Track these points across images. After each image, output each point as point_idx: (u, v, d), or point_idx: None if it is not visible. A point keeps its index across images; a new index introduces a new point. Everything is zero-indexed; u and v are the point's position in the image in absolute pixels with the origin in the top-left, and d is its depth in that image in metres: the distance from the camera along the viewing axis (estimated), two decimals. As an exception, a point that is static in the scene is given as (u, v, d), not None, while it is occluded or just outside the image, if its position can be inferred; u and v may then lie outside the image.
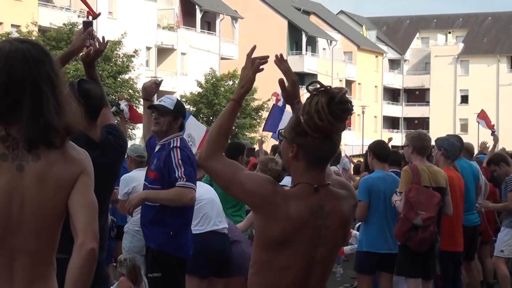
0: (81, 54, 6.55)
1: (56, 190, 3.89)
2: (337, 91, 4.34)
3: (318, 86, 4.30)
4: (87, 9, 6.81)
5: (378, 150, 11.49)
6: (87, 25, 6.27)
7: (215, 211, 9.91)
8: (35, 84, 3.89)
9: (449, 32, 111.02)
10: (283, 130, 4.55)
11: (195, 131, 16.64)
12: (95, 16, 6.46)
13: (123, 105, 15.02)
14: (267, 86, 31.03)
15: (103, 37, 6.55)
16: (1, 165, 3.84)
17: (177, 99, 9.35)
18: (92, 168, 4.07)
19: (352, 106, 4.44)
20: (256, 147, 24.11)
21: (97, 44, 6.40)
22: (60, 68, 4.15)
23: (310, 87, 4.36)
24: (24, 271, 3.88)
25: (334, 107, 4.27)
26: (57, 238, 3.98)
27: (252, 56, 4.65)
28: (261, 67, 4.70)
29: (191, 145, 15.54)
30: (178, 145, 8.38)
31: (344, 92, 4.39)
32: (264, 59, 4.70)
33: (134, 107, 20.86)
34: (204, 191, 9.87)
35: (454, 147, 11.86)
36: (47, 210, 3.89)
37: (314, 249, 4.41)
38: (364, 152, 28.50)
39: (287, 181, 9.82)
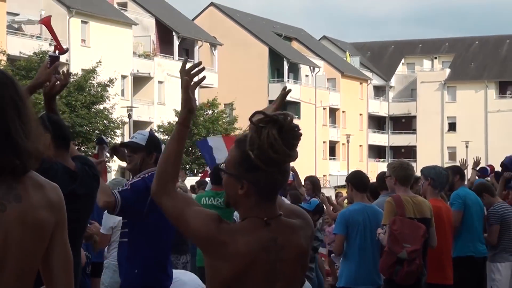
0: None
1: (37, 235, 3.87)
2: (283, 118, 4.21)
3: (263, 116, 4.18)
4: (55, 43, 6.78)
5: (357, 181, 11.52)
6: (54, 59, 6.25)
7: None
8: (2, 109, 3.84)
9: (435, 58, 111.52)
10: (223, 166, 4.40)
11: (217, 149, 16.95)
12: (63, 51, 6.43)
13: (107, 139, 15.22)
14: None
15: (67, 70, 6.59)
16: None
17: (149, 133, 9.27)
18: (65, 210, 4.04)
19: (300, 130, 4.28)
20: None
21: (62, 77, 6.37)
22: (26, 94, 4.06)
23: (254, 119, 4.24)
24: None
25: (285, 136, 4.16)
26: (33, 279, 3.96)
27: (192, 72, 4.50)
28: (196, 80, 4.61)
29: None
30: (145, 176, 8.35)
31: (291, 117, 4.25)
32: (196, 67, 4.58)
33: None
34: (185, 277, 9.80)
35: (441, 176, 11.90)
36: (29, 253, 3.87)
37: (271, 285, 4.32)
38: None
39: None
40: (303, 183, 17.99)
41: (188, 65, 4.53)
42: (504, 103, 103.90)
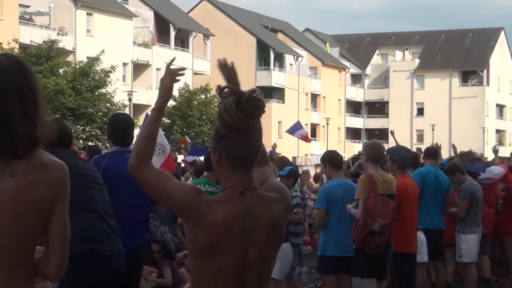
0: None
1: (31, 209, 3.83)
2: (245, 91, 4.30)
3: (227, 89, 4.26)
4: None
5: (332, 159, 11.51)
6: None
7: None
8: (1, 97, 3.82)
9: (406, 49, 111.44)
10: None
11: (163, 140, 16.76)
12: None
13: None
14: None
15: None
16: None
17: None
18: (68, 185, 3.99)
19: (263, 103, 4.34)
20: None
21: None
22: (37, 82, 3.97)
23: (220, 93, 4.36)
24: (2, 277, 3.84)
25: (244, 104, 4.20)
26: (33, 250, 3.94)
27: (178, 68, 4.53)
28: (178, 78, 4.61)
29: (159, 153, 15.62)
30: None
31: (252, 90, 4.33)
32: (181, 70, 4.59)
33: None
34: None
35: (406, 159, 12.04)
36: (21, 224, 3.83)
37: (245, 252, 4.29)
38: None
39: None
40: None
41: (174, 67, 4.58)
42: (466, 91, 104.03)
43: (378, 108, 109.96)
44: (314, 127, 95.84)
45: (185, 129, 58.81)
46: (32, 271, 3.98)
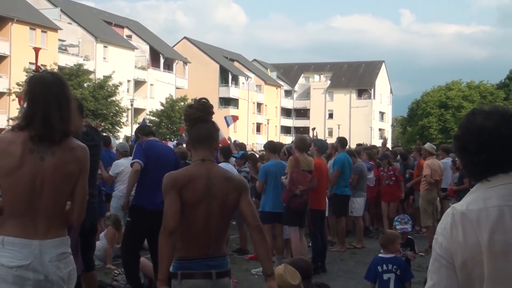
0: None
1: (65, 178, 3.93)
2: (196, 100, 4.59)
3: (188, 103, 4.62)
4: (35, 65, 6.77)
5: (270, 147, 11.55)
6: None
7: None
8: (45, 101, 3.91)
9: (321, 74, 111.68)
10: None
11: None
12: (39, 69, 6.33)
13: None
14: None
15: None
16: (30, 156, 3.85)
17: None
18: (89, 162, 4.10)
19: (206, 105, 4.51)
20: None
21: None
22: (69, 91, 4.05)
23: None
24: (44, 223, 3.90)
25: (194, 105, 4.50)
26: (65, 205, 4.02)
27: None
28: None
29: None
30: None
31: (200, 99, 4.57)
32: None
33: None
34: None
35: (323, 146, 12.15)
36: (58, 188, 3.93)
37: (209, 201, 4.35)
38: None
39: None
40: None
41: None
42: (360, 102, 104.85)
43: (303, 113, 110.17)
44: (258, 126, 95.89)
45: (169, 125, 58.54)
46: (63, 219, 4.04)
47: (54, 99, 3.92)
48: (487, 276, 2.53)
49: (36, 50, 7.07)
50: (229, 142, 16.62)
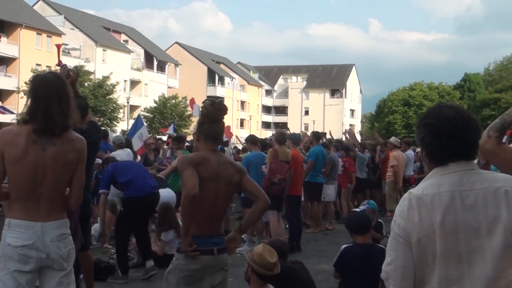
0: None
1: (64, 166, 3.97)
2: (215, 101, 4.56)
3: (207, 100, 4.50)
4: (58, 59, 6.67)
5: (251, 140, 11.55)
6: (63, 67, 6.13)
7: None
8: (47, 98, 3.94)
9: (298, 75, 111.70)
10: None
11: (145, 130, 16.43)
12: (61, 64, 6.29)
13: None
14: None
15: (76, 68, 6.50)
16: (33, 146, 3.89)
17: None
18: (86, 152, 4.12)
19: (225, 106, 4.58)
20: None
21: (74, 72, 6.30)
22: (69, 89, 4.09)
23: (204, 102, 4.54)
24: (46, 207, 3.93)
25: (215, 104, 4.49)
26: (65, 191, 4.04)
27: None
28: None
29: (140, 138, 15.41)
30: None
31: (219, 101, 4.59)
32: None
33: None
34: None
35: (297, 139, 12.12)
36: (59, 175, 3.96)
37: (218, 180, 4.41)
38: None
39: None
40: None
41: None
42: (333, 101, 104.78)
43: (281, 110, 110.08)
44: (242, 121, 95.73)
45: (162, 121, 58.40)
46: (63, 204, 4.07)
47: (55, 96, 3.96)
48: (439, 253, 2.59)
49: (58, 46, 7.01)
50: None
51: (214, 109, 4.48)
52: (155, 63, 75.01)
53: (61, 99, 3.96)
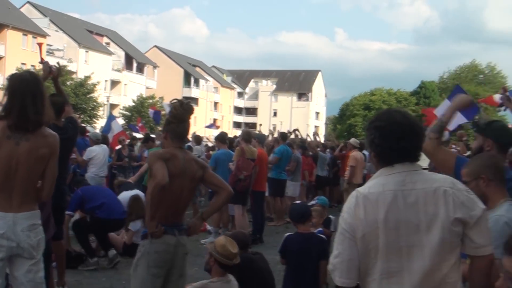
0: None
1: (37, 160, 3.93)
2: (184, 101, 4.57)
3: (176, 100, 4.42)
4: (41, 56, 6.43)
5: (220, 138, 11.50)
6: (45, 63, 5.94)
7: None
8: (22, 96, 3.89)
9: (268, 79, 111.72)
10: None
11: (118, 125, 16.44)
12: (43, 61, 6.09)
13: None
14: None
15: (58, 64, 6.28)
16: (7, 141, 3.86)
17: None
18: (59, 147, 4.07)
19: (192, 107, 4.62)
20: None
21: (57, 69, 6.08)
22: (43, 86, 4.04)
23: (173, 101, 4.52)
24: (18, 198, 3.89)
25: (184, 105, 4.50)
26: (37, 184, 4.00)
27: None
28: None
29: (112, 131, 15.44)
30: None
31: (186, 102, 4.57)
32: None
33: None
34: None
35: (262, 138, 12.11)
36: (31, 169, 3.92)
37: (184, 176, 4.41)
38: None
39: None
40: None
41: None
42: (300, 104, 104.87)
43: (252, 112, 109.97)
44: (214, 121, 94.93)
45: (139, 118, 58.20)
46: (35, 195, 4.01)
47: (30, 94, 3.91)
48: (381, 247, 2.61)
49: (40, 44, 6.84)
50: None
51: (183, 109, 4.46)
52: (135, 65, 74.43)
53: (35, 97, 3.91)
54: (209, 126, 23.25)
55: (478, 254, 2.64)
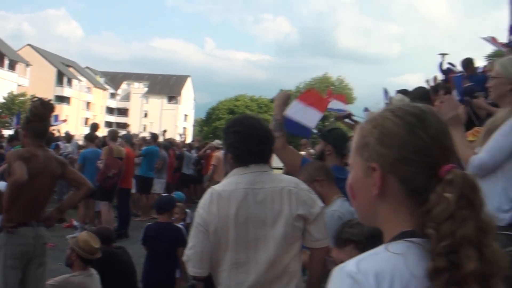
0: None
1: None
2: (44, 100, 4.35)
3: (37, 99, 4.28)
4: None
5: (89, 137, 11.13)
6: None
7: None
8: None
9: (141, 82, 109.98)
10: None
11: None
12: None
13: None
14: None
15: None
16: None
17: None
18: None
19: (53, 105, 4.41)
20: None
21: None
22: None
23: (33, 100, 4.34)
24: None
25: (44, 104, 4.32)
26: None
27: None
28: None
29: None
30: None
31: (47, 100, 4.35)
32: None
33: None
34: None
35: (128, 138, 11.83)
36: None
37: (44, 178, 4.29)
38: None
39: None
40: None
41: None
42: (170, 106, 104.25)
43: (123, 112, 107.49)
44: (86, 120, 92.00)
45: (9, 115, 54.80)
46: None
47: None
48: (231, 240, 2.67)
49: None
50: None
51: (44, 108, 4.25)
52: (6, 62, 70.01)
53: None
54: (56, 122, 22.16)
55: (316, 247, 2.78)
